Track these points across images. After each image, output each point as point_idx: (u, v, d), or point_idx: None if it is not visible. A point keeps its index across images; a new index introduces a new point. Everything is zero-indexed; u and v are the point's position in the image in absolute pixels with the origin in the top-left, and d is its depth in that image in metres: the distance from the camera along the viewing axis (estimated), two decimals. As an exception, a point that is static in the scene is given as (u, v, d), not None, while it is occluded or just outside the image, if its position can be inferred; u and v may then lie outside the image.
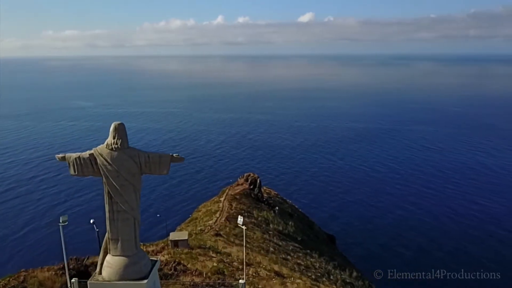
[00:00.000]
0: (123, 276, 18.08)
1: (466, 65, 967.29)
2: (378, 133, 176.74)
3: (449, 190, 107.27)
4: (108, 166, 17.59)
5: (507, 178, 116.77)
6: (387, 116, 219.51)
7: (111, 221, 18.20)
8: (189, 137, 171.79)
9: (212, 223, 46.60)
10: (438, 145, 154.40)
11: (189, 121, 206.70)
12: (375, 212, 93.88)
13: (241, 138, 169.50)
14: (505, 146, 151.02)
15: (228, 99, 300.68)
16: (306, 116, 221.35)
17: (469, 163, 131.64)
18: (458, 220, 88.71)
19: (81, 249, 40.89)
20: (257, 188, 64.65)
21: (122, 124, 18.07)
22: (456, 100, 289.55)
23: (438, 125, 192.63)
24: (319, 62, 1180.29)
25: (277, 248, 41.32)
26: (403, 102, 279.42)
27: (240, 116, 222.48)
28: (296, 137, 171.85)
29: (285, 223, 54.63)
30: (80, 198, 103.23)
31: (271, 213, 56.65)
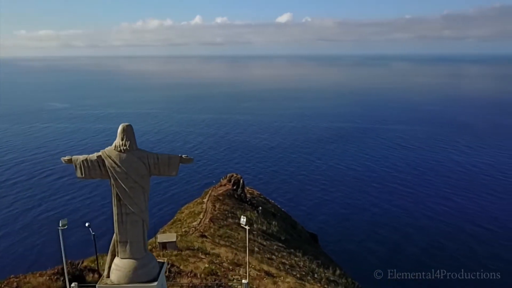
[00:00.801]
0: (132, 279, 17.82)
1: (440, 65, 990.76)
2: (356, 133, 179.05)
3: (426, 188, 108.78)
4: (117, 168, 17.24)
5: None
6: (365, 116, 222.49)
7: (120, 223, 17.86)
8: (168, 138, 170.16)
9: (196, 225, 46.17)
10: (414, 144, 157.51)
11: (167, 122, 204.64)
12: (354, 211, 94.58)
13: (221, 139, 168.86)
14: (482, 144, 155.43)
15: (207, 100, 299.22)
16: (285, 116, 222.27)
17: (444, 161, 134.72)
18: (432, 219, 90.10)
19: (75, 253, 39.98)
20: (240, 189, 64.45)
21: (130, 125, 17.76)
22: (431, 99, 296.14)
23: (414, 124, 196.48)
24: (298, 63, 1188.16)
25: (262, 248, 41.27)
26: (380, 101, 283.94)
27: (220, 116, 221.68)
28: (275, 137, 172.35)
29: (269, 223, 54.65)
30: (70, 201, 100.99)
31: (254, 213, 56.61)
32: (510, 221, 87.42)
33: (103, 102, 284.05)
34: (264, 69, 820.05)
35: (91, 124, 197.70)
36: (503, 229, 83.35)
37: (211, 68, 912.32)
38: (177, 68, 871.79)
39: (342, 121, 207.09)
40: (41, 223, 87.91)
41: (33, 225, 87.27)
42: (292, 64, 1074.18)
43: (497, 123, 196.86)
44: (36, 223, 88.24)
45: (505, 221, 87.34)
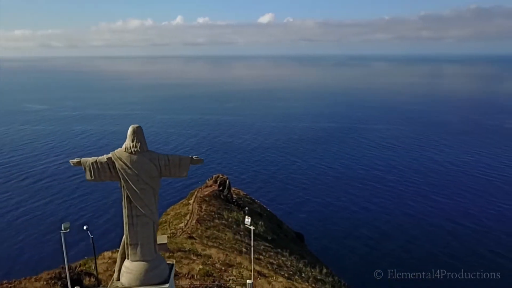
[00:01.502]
0: (143, 282, 17.68)
1: (419, 65, 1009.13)
2: (338, 132, 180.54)
3: (406, 187, 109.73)
4: (128, 170, 17.08)
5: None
6: (346, 116, 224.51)
7: (130, 226, 17.71)
8: (149, 139, 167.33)
9: (183, 226, 45.77)
10: (395, 143, 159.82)
11: (149, 123, 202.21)
12: (337, 210, 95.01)
13: (204, 139, 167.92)
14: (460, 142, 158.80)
15: (189, 100, 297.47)
16: (268, 117, 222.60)
17: (425, 160, 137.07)
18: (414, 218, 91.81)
19: (71, 256, 39.02)
20: (227, 189, 64.12)
21: (140, 127, 17.77)
22: (411, 99, 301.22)
23: (394, 124, 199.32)
24: (280, 63, 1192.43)
25: (249, 248, 41.16)
26: (361, 101, 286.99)
27: (202, 117, 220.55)
28: (259, 137, 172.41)
29: (255, 223, 54.44)
30: (64, 203, 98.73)
31: (241, 214, 56.45)
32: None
33: (83, 103, 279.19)
34: (247, 70, 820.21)
35: (70, 126, 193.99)
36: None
37: (193, 68, 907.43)
38: (159, 69, 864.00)
39: (324, 121, 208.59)
40: (27, 226, 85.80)
41: (21, 228, 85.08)
42: (274, 64, 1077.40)
43: (475, 122, 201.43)
44: (22, 226, 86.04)
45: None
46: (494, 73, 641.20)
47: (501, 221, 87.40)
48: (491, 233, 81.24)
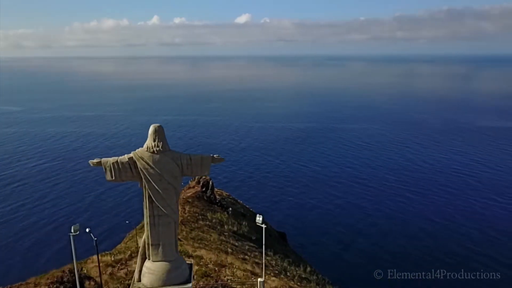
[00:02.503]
0: (166, 282, 17.48)
1: (394, 65, 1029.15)
2: (316, 132, 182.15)
3: (384, 185, 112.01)
4: (150, 170, 16.84)
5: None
6: (324, 115, 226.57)
7: (152, 226, 17.46)
8: (128, 141, 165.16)
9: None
10: (371, 142, 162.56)
11: (127, 125, 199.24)
12: (316, 209, 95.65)
13: (184, 140, 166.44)
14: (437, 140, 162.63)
15: (168, 101, 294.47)
16: (247, 117, 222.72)
17: (403, 158, 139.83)
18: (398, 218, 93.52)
19: (66, 259, 37.81)
20: (210, 190, 63.66)
21: (161, 126, 17.88)
22: (387, 98, 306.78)
23: (371, 123, 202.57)
24: (258, 63, 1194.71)
25: (235, 249, 40.95)
26: (338, 101, 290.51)
27: (182, 118, 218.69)
28: (239, 137, 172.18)
29: (239, 223, 54.39)
30: (59, 206, 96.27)
31: (225, 215, 56.20)
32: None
33: (57, 105, 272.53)
34: (225, 70, 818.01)
35: (43, 128, 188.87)
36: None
37: (170, 69, 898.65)
38: (135, 69, 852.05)
39: (303, 121, 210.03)
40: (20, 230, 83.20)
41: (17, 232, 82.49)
42: (252, 65, 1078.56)
43: (449, 121, 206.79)
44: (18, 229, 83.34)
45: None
46: (465, 73, 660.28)
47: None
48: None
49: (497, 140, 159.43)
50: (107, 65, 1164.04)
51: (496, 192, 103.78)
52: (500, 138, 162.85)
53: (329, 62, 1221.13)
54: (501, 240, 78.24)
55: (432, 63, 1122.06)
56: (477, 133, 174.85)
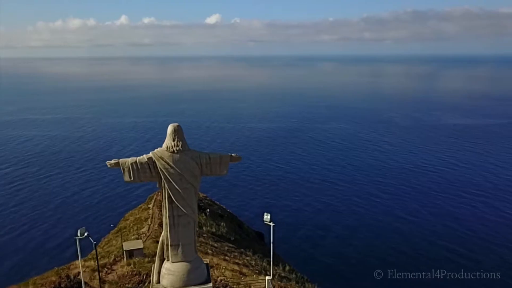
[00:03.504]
0: (187, 282, 17.33)
1: (362, 65, 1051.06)
2: (287, 132, 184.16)
3: (354, 184, 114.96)
4: (171, 170, 16.73)
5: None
6: (295, 115, 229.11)
7: (171, 226, 17.30)
8: (98, 144, 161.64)
9: (146, 231, 45.06)
10: (341, 141, 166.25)
11: (97, 127, 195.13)
12: (289, 208, 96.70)
13: (156, 143, 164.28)
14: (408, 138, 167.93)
15: (138, 102, 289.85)
16: (219, 117, 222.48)
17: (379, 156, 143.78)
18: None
19: (56, 259, 36.93)
20: None
21: (180, 125, 17.66)
22: (356, 98, 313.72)
23: (342, 122, 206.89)
24: (229, 64, 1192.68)
25: (215, 250, 41.45)
26: (310, 101, 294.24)
27: (153, 119, 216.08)
28: (212, 138, 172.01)
29: (217, 224, 54.81)
30: (54, 209, 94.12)
31: (202, 216, 56.38)
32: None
33: (19, 107, 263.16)
34: (195, 70, 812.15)
35: (5, 132, 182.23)
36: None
37: (140, 69, 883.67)
38: (104, 70, 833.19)
39: (274, 121, 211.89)
40: None
41: None
42: (223, 65, 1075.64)
43: (415, 119, 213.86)
44: None
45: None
46: (429, 73, 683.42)
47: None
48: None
49: (463, 137, 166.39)
50: (74, 66, 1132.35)
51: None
52: (464, 135, 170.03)
53: (299, 63, 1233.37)
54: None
55: (398, 63, 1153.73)
56: (442, 130, 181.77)
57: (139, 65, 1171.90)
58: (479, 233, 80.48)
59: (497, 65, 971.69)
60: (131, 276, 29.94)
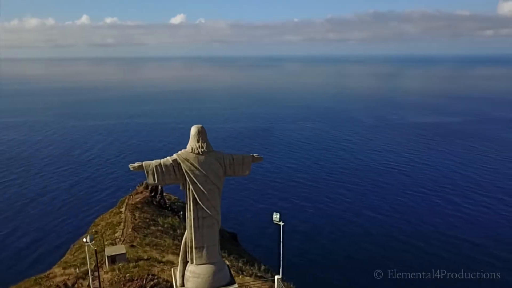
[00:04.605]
0: (212, 284, 17.26)
1: (327, 65, 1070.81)
2: (255, 131, 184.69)
3: (323, 183, 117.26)
4: (196, 171, 16.75)
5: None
6: (263, 115, 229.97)
7: (196, 228, 17.25)
8: (61, 148, 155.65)
9: (119, 235, 44.12)
10: (314, 139, 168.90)
11: (57, 131, 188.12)
12: (258, 208, 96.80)
13: (122, 145, 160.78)
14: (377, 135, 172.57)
15: (102, 104, 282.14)
16: (186, 118, 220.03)
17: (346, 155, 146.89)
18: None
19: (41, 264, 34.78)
20: (159, 195, 62.65)
21: (203, 127, 17.54)
22: (322, 97, 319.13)
23: (309, 121, 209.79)
24: (194, 64, 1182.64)
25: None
26: (276, 101, 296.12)
27: (119, 121, 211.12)
28: (181, 139, 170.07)
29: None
30: None
31: (176, 219, 55.71)
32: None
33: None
34: (160, 71, 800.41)
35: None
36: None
37: (103, 70, 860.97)
38: (65, 71, 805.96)
39: (241, 121, 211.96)
40: None
41: None
42: (188, 66, 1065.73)
43: (380, 118, 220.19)
44: None
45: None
46: (391, 73, 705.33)
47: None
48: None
49: (426, 134, 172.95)
50: (32, 67, 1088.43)
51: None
52: (427, 132, 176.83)
53: (265, 63, 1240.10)
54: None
55: (362, 63, 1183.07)
56: (407, 128, 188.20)
57: (102, 66, 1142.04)
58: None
59: (454, 65, 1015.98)
60: (125, 282, 29.21)
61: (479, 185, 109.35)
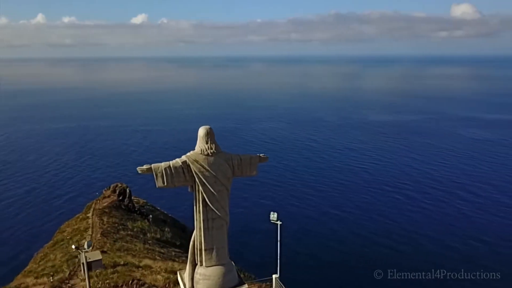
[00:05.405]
0: (223, 286, 17.20)
1: (291, 65, 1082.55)
2: (219, 132, 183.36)
3: (295, 183, 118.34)
4: (206, 173, 16.75)
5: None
6: (229, 116, 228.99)
7: (205, 230, 17.09)
8: (15, 153, 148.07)
9: (77, 242, 42.51)
10: (279, 139, 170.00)
11: (13, 135, 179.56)
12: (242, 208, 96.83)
13: (81, 148, 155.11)
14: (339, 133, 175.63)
15: (60, 107, 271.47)
16: (151, 119, 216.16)
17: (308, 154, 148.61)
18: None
19: None
20: (128, 199, 60.82)
21: (211, 128, 17.41)
22: (287, 97, 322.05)
23: (274, 122, 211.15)
24: (157, 65, 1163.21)
25: (162, 256, 40.15)
26: (241, 102, 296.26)
27: (78, 124, 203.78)
28: (143, 141, 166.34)
29: (161, 230, 53.25)
30: None
31: (145, 222, 54.51)
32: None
33: None
34: (121, 72, 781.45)
35: None
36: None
37: (61, 71, 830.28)
38: (19, 72, 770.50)
39: (205, 122, 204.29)
40: None
41: None
42: (151, 67, 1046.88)
43: (344, 117, 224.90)
44: None
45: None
46: (354, 73, 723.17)
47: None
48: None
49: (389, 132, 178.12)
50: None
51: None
52: (390, 131, 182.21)
53: (229, 63, 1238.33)
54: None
55: (324, 64, 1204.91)
56: (371, 127, 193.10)
57: (60, 66, 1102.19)
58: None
59: (412, 64, 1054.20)
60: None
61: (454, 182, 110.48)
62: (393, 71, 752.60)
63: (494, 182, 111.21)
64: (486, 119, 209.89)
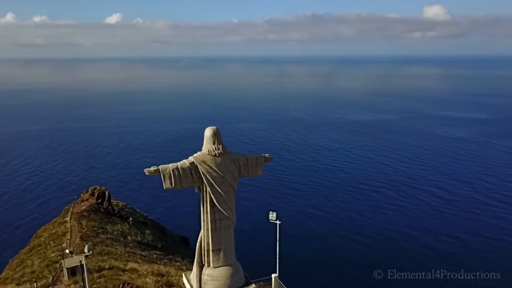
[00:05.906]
0: (231, 286, 17.35)
1: (268, 66, 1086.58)
2: (197, 133, 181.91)
3: (283, 184, 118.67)
4: (213, 173, 16.77)
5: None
6: (205, 117, 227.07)
7: (213, 231, 17.17)
8: None
9: (66, 246, 41.07)
10: (257, 140, 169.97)
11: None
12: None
13: (54, 151, 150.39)
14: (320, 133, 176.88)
15: (32, 108, 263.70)
16: (127, 121, 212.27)
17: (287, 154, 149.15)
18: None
19: None
20: (107, 201, 59.30)
21: (218, 128, 17.22)
22: (264, 98, 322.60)
23: (252, 122, 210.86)
24: (133, 65, 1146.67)
25: (144, 259, 39.20)
26: (219, 102, 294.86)
27: (52, 126, 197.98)
28: (120, 143, 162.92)
29: (142, 232, 52.19)
30: None
31: (125, 225, 53.38)
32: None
33: None
34: (96, 73, 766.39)
35: None
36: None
37: (33, 72, 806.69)
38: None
39: (183, 123, 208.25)
40: None
41: None
42: (126, 67, 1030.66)
43: (321, 116, 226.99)
44: None
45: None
46: (329, 73, 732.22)
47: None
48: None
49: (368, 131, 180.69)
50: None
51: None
52: (367, 130, 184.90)
53: (207, 64, 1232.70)
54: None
55: (301, 64, 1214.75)
56: (348, 126, 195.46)
57: (31, 67, 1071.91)
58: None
59: (387, 65, 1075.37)
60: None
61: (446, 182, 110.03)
62: (368, 71, 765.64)
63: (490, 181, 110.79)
64: (459, 118, 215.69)
